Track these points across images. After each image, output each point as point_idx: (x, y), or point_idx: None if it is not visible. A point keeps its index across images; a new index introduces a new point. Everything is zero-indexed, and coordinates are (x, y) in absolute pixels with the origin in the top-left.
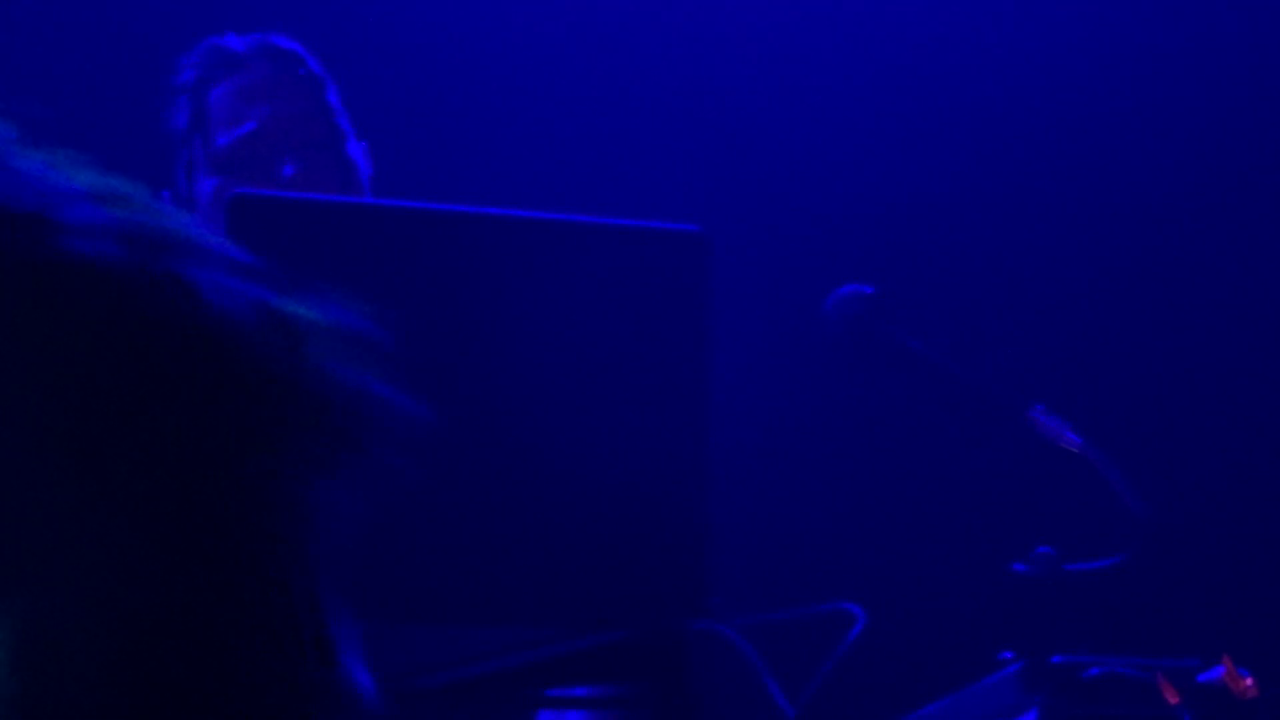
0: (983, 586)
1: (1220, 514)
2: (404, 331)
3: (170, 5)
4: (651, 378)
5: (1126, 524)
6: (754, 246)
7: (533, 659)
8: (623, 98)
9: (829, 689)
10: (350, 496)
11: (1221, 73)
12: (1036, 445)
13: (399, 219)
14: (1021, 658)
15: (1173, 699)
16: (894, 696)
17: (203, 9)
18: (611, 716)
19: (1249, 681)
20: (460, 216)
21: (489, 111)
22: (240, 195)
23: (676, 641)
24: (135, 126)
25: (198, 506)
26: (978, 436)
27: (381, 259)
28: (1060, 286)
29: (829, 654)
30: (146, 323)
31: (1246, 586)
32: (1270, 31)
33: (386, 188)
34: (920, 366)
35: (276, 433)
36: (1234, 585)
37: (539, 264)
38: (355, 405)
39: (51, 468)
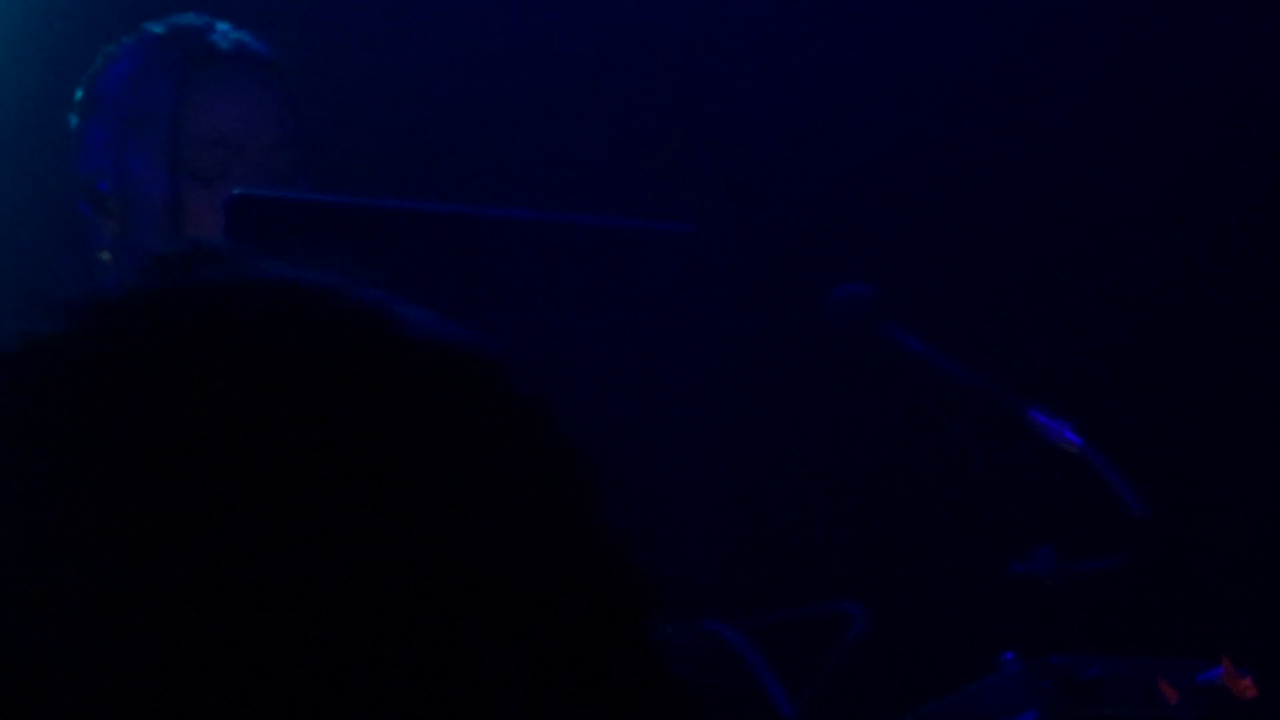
0: (983, 586)
1: (1220, 514)
2: None
3: None
4: (648, 378)
5: (1126, 524)
6: (754, 246)
7: None
8: (620, 96)
9: (829, 689)
10: None
11: (1221, 73)
12: (1036, 445)
13: (397, 219)
14: (1021, 658)
15: (1173, 699)
16: (894, 696)
17: None
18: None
19: (1249, 681)
20: (458, 217)
21: (486, 111)
22: (240, 195)
23: (676, 641)
24: None
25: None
26: (978, 437)
27: (379, 259)
28: (1060, 286)
29: (829, 654)
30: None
31: (1246, 586)
32: (1269, 32)
33: (386, 188)
34: (920, 366)
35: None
36: (1234, 585)
37: (536, 264)
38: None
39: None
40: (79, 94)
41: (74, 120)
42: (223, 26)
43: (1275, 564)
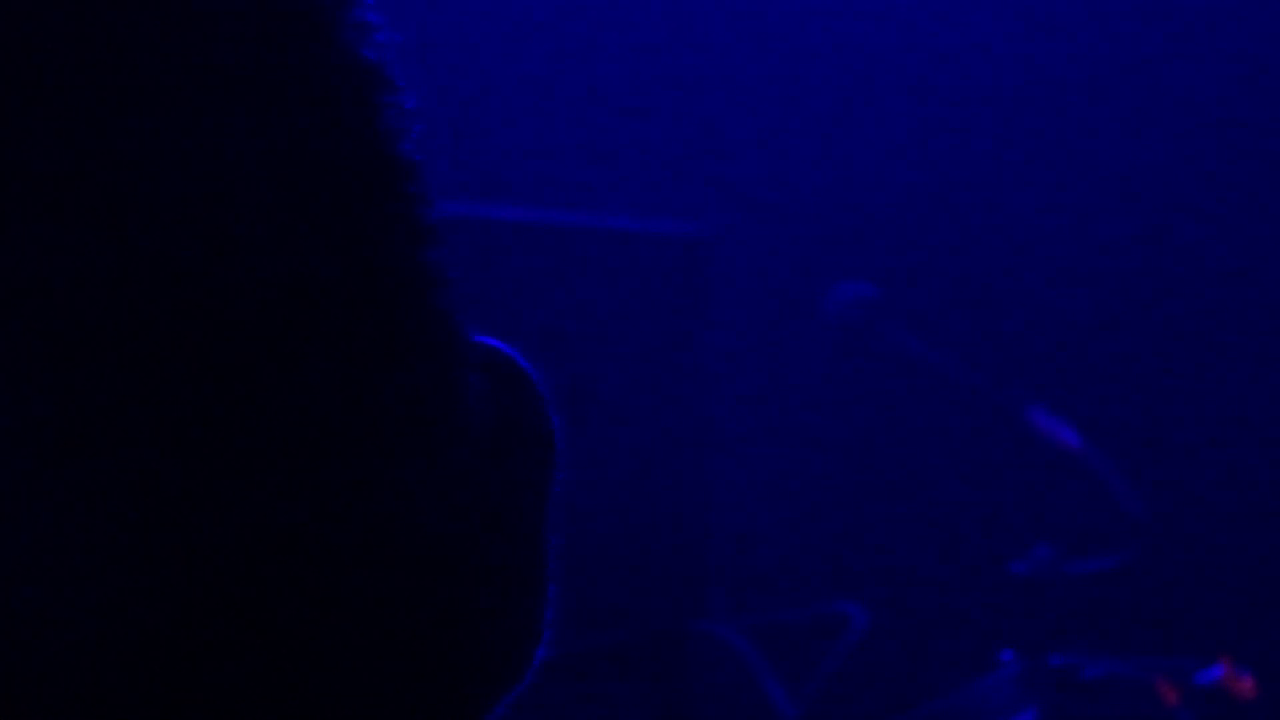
0: (982, 586)
1: (1220, 514)
2: None
3: None
4: (650, 379)
5: (1126, 524)
6: (754, 247)
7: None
8: (622, 97)
9: (829, 689)
10: None
11: (1221, 71)
12: (1036, 445)
13: None
14: (1021, 658)
15: (1172, 699)
16: (894, 696)
17: None
18: (613, 716)
19: (1248, 682)
20: (458, 218)
21: (487, 110)
22: None
23: (676, 642)
24: None
25: None
26: (977, 436)
27: None
28: (1061, 286)
29: (829, 654)
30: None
31: (1246, 586)
32: (1270, 31)
33: None
34: (920, 366)
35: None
36: (1234, 585)
37: (538, 266)
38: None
39: None
40: None
41: None
42: None
43: (1275, 564)
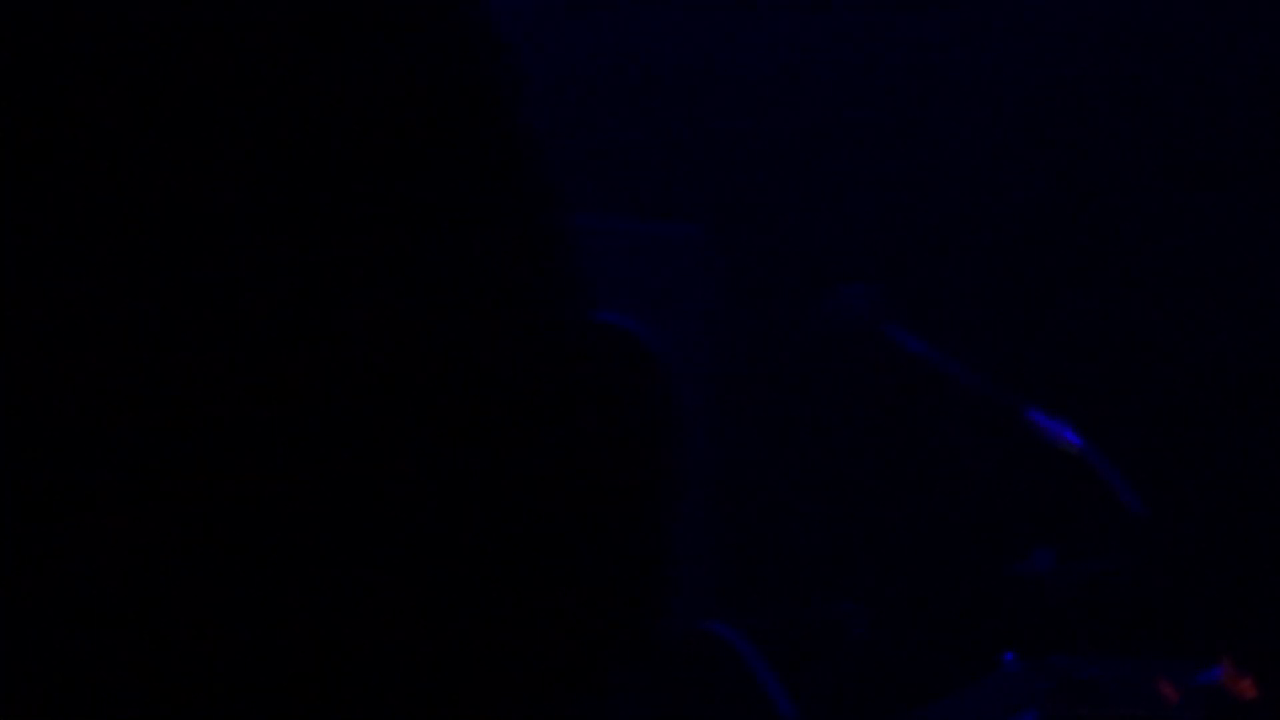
0: (983, 586)
1: (1220, 513)
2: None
3: None
4: None
5: (1126, 524)
6: (754, 247)
7: None
8: (622, 97)
9: (829, 689)
10: None
11: (1221, 71)
12: (1036, 445)
13: None
14: (1022, 658)
15: (1173, 699)
16: (894, 696)
17: None
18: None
19: (1249, 681)
20: None
21: None
22: None
23: (676, 642)
24: None
25: None
26: (977, 437)
27: None
28: (1062, 287)
29: (829, 654)
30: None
31: (1246, 586)
32: (1269, 30)
33: None
34: (920, 366)
35: None
36: (1234, 585)
37: None
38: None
39: None
40: None
41: None
42: None
43: (1275, 564)
